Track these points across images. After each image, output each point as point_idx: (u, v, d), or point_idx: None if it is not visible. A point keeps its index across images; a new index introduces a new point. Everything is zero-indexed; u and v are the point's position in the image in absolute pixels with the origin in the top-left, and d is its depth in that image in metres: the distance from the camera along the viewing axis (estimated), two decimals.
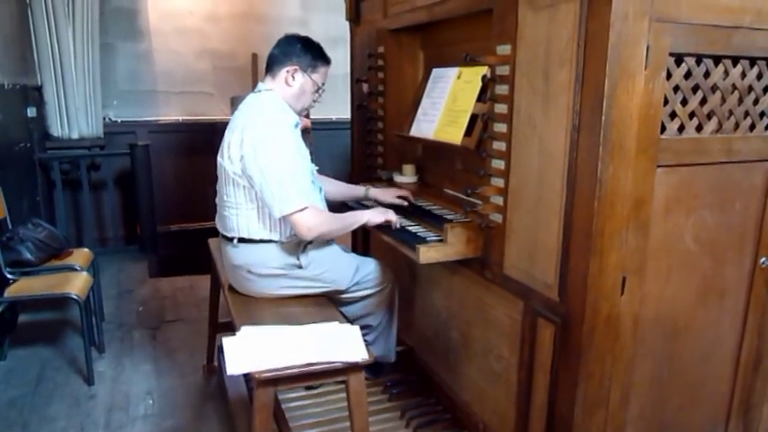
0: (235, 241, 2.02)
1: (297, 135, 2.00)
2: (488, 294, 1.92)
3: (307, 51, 2.05)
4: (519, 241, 1.70)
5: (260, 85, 2.07)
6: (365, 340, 1.79)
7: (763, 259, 1.71)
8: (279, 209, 1.88)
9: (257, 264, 2.01)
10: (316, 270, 2.04)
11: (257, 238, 1.99)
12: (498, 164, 1.78)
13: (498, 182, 1.78)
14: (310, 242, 2.04)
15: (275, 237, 2.00)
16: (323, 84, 2.11)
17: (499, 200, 1.78)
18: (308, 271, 2.03)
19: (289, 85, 2.03)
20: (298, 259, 2.01)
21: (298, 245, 2.02)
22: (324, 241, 2.11)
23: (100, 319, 3.13)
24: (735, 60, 1.55)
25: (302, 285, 2.06)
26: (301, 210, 1.87)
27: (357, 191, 2.41)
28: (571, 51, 1.43)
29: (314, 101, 2.13)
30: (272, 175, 1.86)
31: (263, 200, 1.91)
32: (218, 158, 2.02)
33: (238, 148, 1.90)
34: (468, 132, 2.05)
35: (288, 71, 2.02)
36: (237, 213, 1.99)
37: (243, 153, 1.89)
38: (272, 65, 2.05)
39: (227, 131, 2.01)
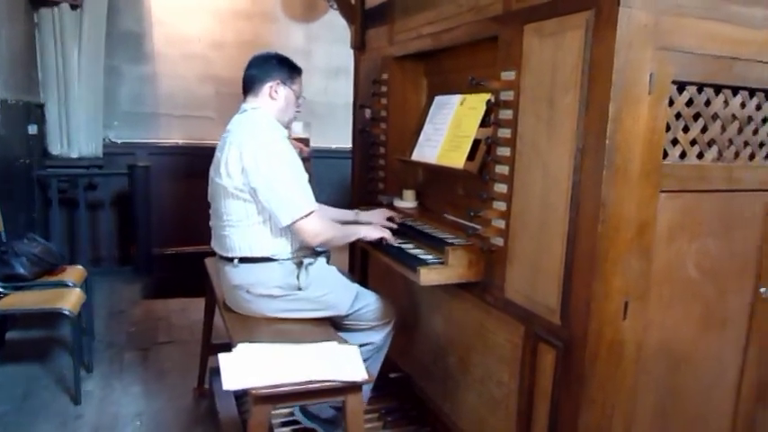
0: (235, 261, 2.01)
1: (291, 147, 2.04)
2: (489, 319, 1.90)
3: (282, 65, 2.11)
4: (521, 265, 1.70)
5: (244, 106, 2.11)
6: None
7: (763, 289, 1.71)
8: (289, 215, 1.90)
9: (257, 284, 1.99)
10: (315, 292, 2.03)
11: (259, 255, 1.98)
12: (501, 187, 1.79)
13: (500, 205, 1.79)
14: (311, 263, 2.03)
15: (277, 252, 1.99)
16: (301, 92, 2.18)
17: (501, 223, 1.78)
18: (307, 293, 2.01)
19: (273, 99, 2.08)
20: (297, 279, 1.99)
21: (299, 264, 2.01)
22: (324, 263, 2.11)
23: (90, 338, 3.08)
24: (735, 90, 1.58)
25: (301, 308, 2.03)
26: (309, 214, 1.91)
27: (347, 215, 2.42)
28: (576, 77, 1.46)
29: (297, 111, 2.18)
30: (278, 183, 1.90)
31: (270, 209, 1.92)
32: (214, 178, 2.03)
33: (237, 162, 1.91)
34: (471, 157, 2.07)
35: (271, 86, 2.07)
36: (237, 231, 1.99)
37: (244, 165, 1.90)
38: (253, 85, 2.09)
39: (217, 151, 2.04)
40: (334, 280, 2.12)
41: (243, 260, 2.00)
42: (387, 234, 2.13)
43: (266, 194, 1.90)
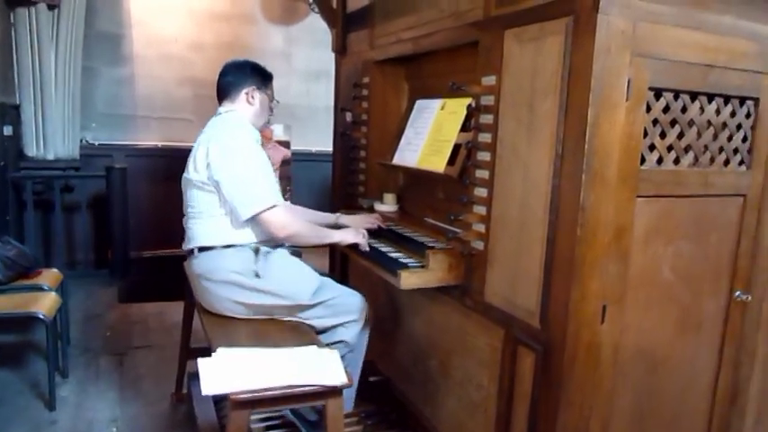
0: (195, 251, 2.05)
1: (261, 149, 2.09)
2: (469, 322, 1.91)
3: (256, 72, 2.19)
4: (501, 268, 1.71)
5: (220, 109, 2.18)
6: None
7: (737, 292, 1.75)
8: (250, 208, 1.94)
9: (213, 270, 2.01)
10: (274, 279, 2.02)
11: (217, 244, 2.01)
12: (481, 191, 1.79)
13: (481, 209, 1.80)
14: (268, 251, 2.05)
15: (237, 241, 2.02)
16: (274, 97, 2.26)
17: (481, 227, 1.79)
18: (266, 280, 2.01)
19: (251, 104, 2.16)
20: (255, 264, 2.02)
21: (256, 251, 2.03)
22: (285, 253, 2.13)
23: (65, 343, 3.02)
24: (710, 97, 1.61)
25: (260, 295, 2.01)
26: (272, 207, 1.95)
27: (328, 218, 2.42)
28: (556, 82, 1.48)
29: (270, 115, 2.26)
30: (242, 176, 1.95)
31: (232, 203, 1.96)
32: (184, 176, 2.08)
33: (204, 158, 1.98)
34: (452, 161, 2.08)
35: (247, 92, 2.15)
36: (199, 222, 2.04)
37: (210, 161, 1.96)
38: (229, 91, 2.16)
39: (191, 151, 2.08)
40: (294, 268, 2.10)
41: (201, 249, 2.04)
42: (361, 240, 2.12)
43: (228, 188, 1.95)
